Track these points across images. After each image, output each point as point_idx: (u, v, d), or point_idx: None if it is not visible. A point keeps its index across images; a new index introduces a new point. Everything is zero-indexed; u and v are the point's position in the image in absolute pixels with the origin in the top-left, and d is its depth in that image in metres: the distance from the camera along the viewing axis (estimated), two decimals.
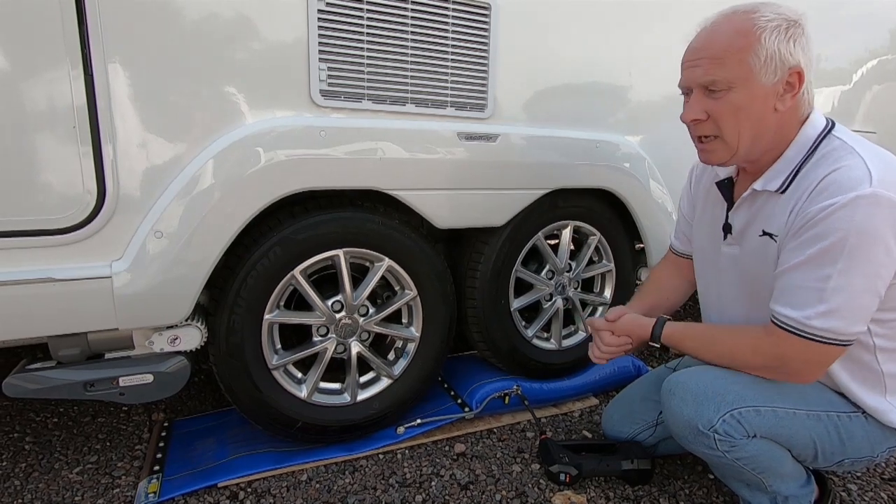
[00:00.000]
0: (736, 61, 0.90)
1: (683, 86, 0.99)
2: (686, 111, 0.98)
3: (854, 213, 0.83)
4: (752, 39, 0.89)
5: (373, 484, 1.30)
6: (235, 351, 1.25)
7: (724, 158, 0.99)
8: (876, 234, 0.83)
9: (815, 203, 0.88)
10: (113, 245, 1.08)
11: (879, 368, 0.99)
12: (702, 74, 0.93)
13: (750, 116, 0.93)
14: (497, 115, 1.41)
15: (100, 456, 1.42)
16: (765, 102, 0.92)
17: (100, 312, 1.07)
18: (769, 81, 0.90)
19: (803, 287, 0.90)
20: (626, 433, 1.37)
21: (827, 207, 0.85)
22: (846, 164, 0.87)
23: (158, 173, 1.09)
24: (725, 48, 0.91)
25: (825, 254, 0.86)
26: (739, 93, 0.91)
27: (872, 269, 0.86)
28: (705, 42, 0.94)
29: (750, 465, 1.01)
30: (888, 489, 1.33)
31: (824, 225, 0.86)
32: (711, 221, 1.16)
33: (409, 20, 1.23)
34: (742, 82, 0.90)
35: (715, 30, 0.93)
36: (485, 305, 1.55)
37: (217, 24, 1.08)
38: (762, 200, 1.01)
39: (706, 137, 0.98)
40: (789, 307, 0.92)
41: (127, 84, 1.03)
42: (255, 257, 1.22)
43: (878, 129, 2.16)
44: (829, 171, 0.88)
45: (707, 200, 1.19)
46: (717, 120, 0.94)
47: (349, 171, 1.23)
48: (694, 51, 0.96)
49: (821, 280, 0.87)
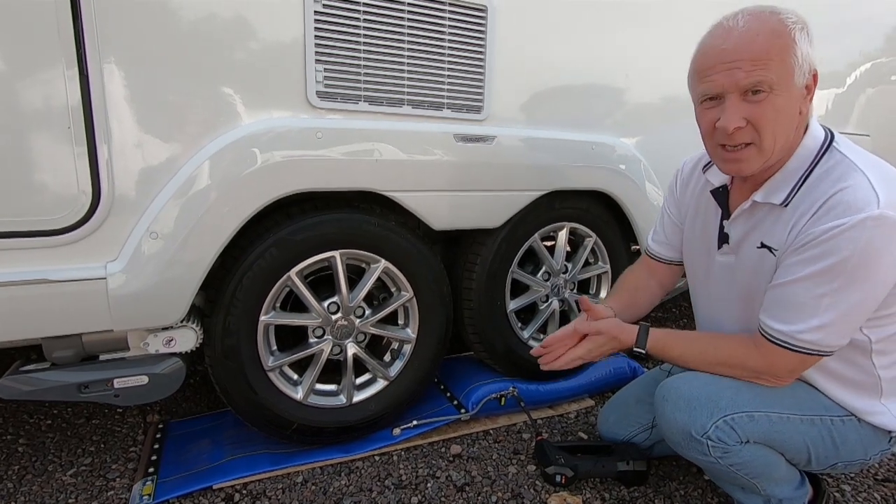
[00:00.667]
0: (779, 62, 0.86)
1: (715, 92, 0.91)
2: (726, 117, 0.89)
3: (861, 235, 0.82)
4: (788, 40, 0.86)
5: (368, 485, 1.30)
6: (231, 352, 1.25)
7: (755, 167, 0.94)
8: (879, 255, 0.84)
9: (821, 222, 0.87)
10: (108, 246, 1.07)
11: (876, 372, 1.00)
12: (744, 77, 0.87)
13: (786, 120, 0.90)
14: (493, 116, 1.41)
15: (94, 458, 1.41)
16: (795, 106, 0.90)
17: (94, 314, 1.07)
18: (801, 83, 0.89)
19: (798, 302, 0.90)
20: (622, 435, 1.37)
21: (834, 228, 0.85)
22: (852, 183, 0.86)
23: (154, 174, 1.08)
24: (768, 49, 0.86)
25: (826, 273, 0.86)
26: (781, 95, 0.87)
27: (868, 289, 0.87)
28: (742, 43, 0.87)
29: (743, 470, 1.01)
30: (881, 490, 1.34)
31: (829, 245, 0.85)
32: (704, 229, 1.15)
33: (405, 22, 1.23)
34: (784, 84, 0.87)
35: (750, 30, 0.87)
36: (481, 307, 1.55)
37: (213, 25, 1.08)
38: (763, 212, 1.00)
39: (737, 146, 0.92)
40: (781, 322, 0.93)
41: (122, 84, 1.02)
42: (251, 258, 1.22)
43: (872, 133, 2.17)
44: (836, 191, 0.87)
45: (698, 207, 1.18)
46: (757, 125, 0.89)
47: (345, 173, 1.23)
48: (728, 53, 0.88)
49: (817, 297, 0.88)
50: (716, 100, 0.93)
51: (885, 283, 0.88)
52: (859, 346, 0.98)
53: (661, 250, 1.34)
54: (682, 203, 1.25)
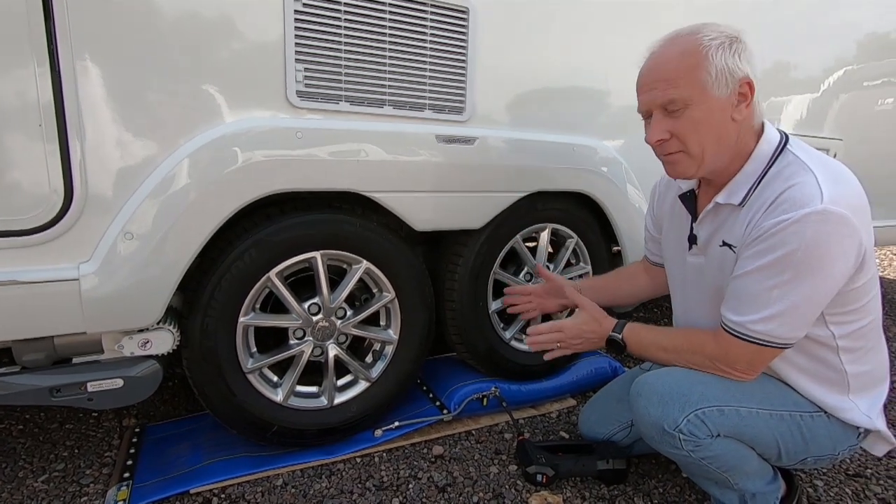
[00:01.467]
0: (688, 79, 0.94)
1: (643, 110, 1.04)
2: (650, 133, 1.01)
3: (805, 229, 0.87)
4: (699, 58, 0.94)
5: (349, 487, 1.29)
6: (209, 354, 1.23)
7: (691, 170, 1.02)
8: (824, 248, 0.88)
9: (770, 217, 0.92)
10: (81, 246, 1.05)
11: (843, 368, 1.02)
12: (659, 96, 0.97)
13: (710, 128, 0.97)
14: (475, 118, 1.42)
15: (67, 463, 1.38)
16: (722, 113, 0.97)
17: (67, 316, 1.04)
18: (723, 94, 0.95)
19: (750, 294, 0.95)
20: (602, 434, 1.39)
21: (781, 222, 0.90)
22: (800, 181, 0.92)
23: (129, 173, 1.06)
24: (676, 69, 0.95)
25: (774, 265, 0.91)
26: (697, 108, 0.95)
27: (816, 282, 0.90)
28: (656, 66, 0.99)
29: (715, 463, 1.03)
30: (852, 484, 1.38)
31: (777, 238, 0.90)
32: (678, 233, 1.21)
33: (386, 22, 1.23)
34: (697, 98, 0.95)
35: (663, 54, 0.99)
36: (463, 307, 1.56)
37: (191, 22, 1.06)
38: (725, 213, 1.05)
39: (670, 153, 1.02)
40: (735, 313, 0.98)
41: (97, 82, 1.00)
42: (230, 259, 1.20)
43: (845, 137, 2.23)
44: (785, 188, 0.93)
45: (673, 215, 1.24)
46: (680, 136, 0.98)
47: (326, 173, 1.22)
48: (647, 75, 1.01)
49: (767, 289, 0.93)
50: (648, 117, 1.04)
51: (835, 277, 0.91)
52: (825, 342, 1.01)
53: (651, 257, 1.44)
54: (659, 217, 1.32)
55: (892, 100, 2.36)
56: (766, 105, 1.99)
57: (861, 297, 0.98)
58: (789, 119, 2.07)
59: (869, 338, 1.04)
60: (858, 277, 0.95)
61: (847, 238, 0.89)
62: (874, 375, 1.07)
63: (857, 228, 0.88)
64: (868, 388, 1.06)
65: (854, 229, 0.88)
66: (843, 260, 0.90)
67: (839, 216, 0.87)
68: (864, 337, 1.02)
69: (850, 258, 0.91)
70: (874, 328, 1.05)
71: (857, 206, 0.91)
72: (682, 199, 1.16)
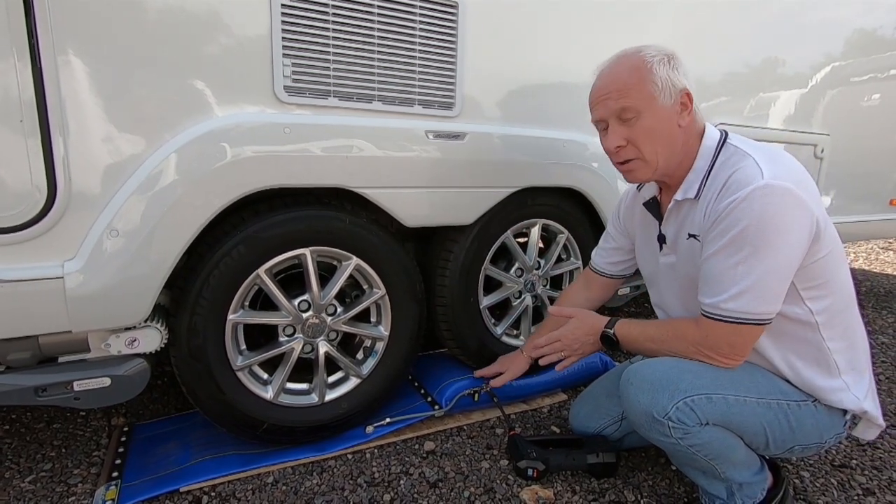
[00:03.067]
0: (638, 90, 1.03)
1: (598, 119, 1.11)
2: (608, 140, 1.09)
3: (752, 205, 0.94)
4: (645, 72, 1.03)
5: (341, 484, 1.29)
6: (197, 352, 1.22)
7: (647, 175, 1.10)
8: (775, 220, 0.93)
9: (721, 201, 0.99)
10: (65, 244, 1.04)
11: (826, 346, 1.05)
12: (612, 105, 1.06)
13: (661, 134, 1.06)
14: (465, 113, 1.41)
15: (54, 463, 1.36)
16: (669, 121, 1.05)
17: (51, 314, 1.03)
18: (668, 103, 1.04)
19: (716, 275, 1.00)
20: (593, 428, 1.39)
21: (731, 203, 0.96)
22: (742, 164, 1.00)
23: (114, 169, 1.05)
24: (626, 81, 1.04)
25: (732, 243, 0.96)
26: (648, 117, 1.04)
27: (775, 253, 0.94)
28: (609, 80, 1.08)
29: (703, 451, 1.04)
30: (838, 475, 1.40)
31: (730, 218, 0.96)
32: (648, 239, 1.27)
33: (375, 16, 1.22)
34: (647, 107, 1.03)
35: (614, 69, 1.08)
36: (454, 303, 1.56)
37: (176, 16, 1.05)
38: (686, 209, 1.11)
39: (626, 161, 1.10)
40: (708, 296, 1.02)
41: (80, 77, 0.99)
42: (218, 256, 1.19)
43: (832, 132, 2.25)
44: (731, 173, 1.00)
45: (642, 225, 1.30)
46: (635, 143, 1.06)
47: (315, 169, 1.21)
48: (600, 89, 1.09)
49: (731, 267, 0.97)
50: (605, 128, 1.11)
51: (792, 246, 0.95)
52: (805, 321, 1.04)
53: (601, 264, 1.46)
54: (628, 226, 1.37)
55: (879, 96, 2.39)
56: (755, 100, 2.00)
57: (827, 269, 1.01)
58: (777, 115, 2.09)
59: (846, 316, 1.07)
60: (819, 249, 0.99)
61: (795, 209, 0.93)
62: (859, 357, 1.09)
63: (802, 198, 0.93)
64: (855, 367, 1.08)
65: (799, 199, 0.93)
66: (796, 229, 0.94)
67: (782, 188, 0.93)
68: (841, 314, 1.05)
69: (804, 227, 0.95)
70: (849, 306, 1.08)
71: (798, 180, 0.96)
72: (646, 207, 1.23)
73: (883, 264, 4.24)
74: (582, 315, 1.29)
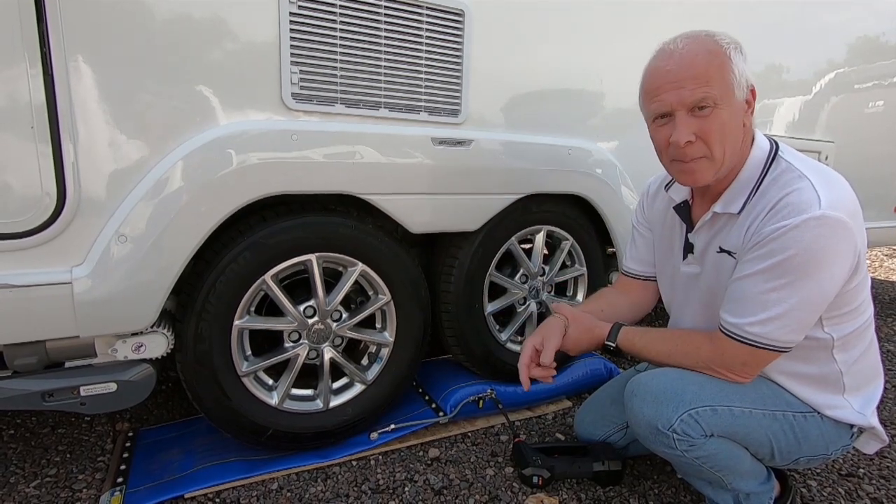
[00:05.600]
0: (720, 78, 0.93)
1: (664, 111, 0.98)
2: (677, 133, 0.95)
3: (804, 234, 0.88)
4: (725, 59, 0.93)
5: (345, 491, 1.29)
6: (203, 358, 1.22)
7: (709, 177, 0.99)
8: (822, 253, 0.89)
9: (770, 223, 0.93)
10: (74, 249, 1.04)
11: (839, 369, 1.03)
12: (689, 94, 0.93)
13: (732, 132, 0.96)
14: (471, 120, 1.42)
15: (59, 469, 1.36)
16: (739, 118, 0.96)
17: (59, 320, 1.03)
18: (741, 97, 0.95)
19: (748, 297, 0.96)
20: (598, 435, 1.39)
21: (780, 228, 0.90)
22: (797, 187, 0.93)
23: (122, 175, 1.06)
24: (707, 67, 0.93)
25: (773, 269, 0.92)
26: (725, 109, 0.94)
27: (814, 285, 0.91)
28: (684, 64, 0.94)
29: (709, 463, 1.03)
30: (845, 484, 1.39)
31: (777, 243, 0.91)
32: (670, 243, 1.22)
33: (382, 25, 1.23)
34: (726, 99, 0.93)
35: (689, 52, 0.94)
36: (459, 310, 1.56)
37: (185, 24, 1.06)
38: (722, 222, 1.05)
39: (693, 159, 0.98)
40: (733, 315, 0.98)
41: (90, 83, 1.00)
42: (225, 262, 1.20)
43: (836, 139, 2.25)
44: (784, 195, 0.93)
45: (665, 224, 1.24)
46: (705, 138, 0.95)
47: (321, 176, 1.22)
48: (673, 72, 0.95)
49: (764, 292, 0.93)
50: (666, 117, 0.99)
51: (832, 280, 0.92)
52: (822, 343, 1.01)
53: (635, 266, 1.37)
54: (651, 221, 1.31)
55: (882, 102, 2.39)
56: (760, 107, 2.00)
57: (855, 298, 0.99)
58: (782, 121, 2.09)
59: (863, 338, 1.05)
60: (852, 279, 0.96)
61: (844, 242, 0.89)
62: (868, 374, 1.08)
63: (853, 232, 0.90)
64: (862, 387, 1.07)
65: (851, 233, 0.89)
66: (840, 263, 0.91)
67: (837, 220, 0.88)
68: (859, 337, 1.03)
69: (847, 261, 0.92)
70: (868, 328, 1.06)
71: (853, 211, 0.92)
72: (676, 210, 1.16)
73: (888, 271, 4.22)
74: (583, 320, 1.19)
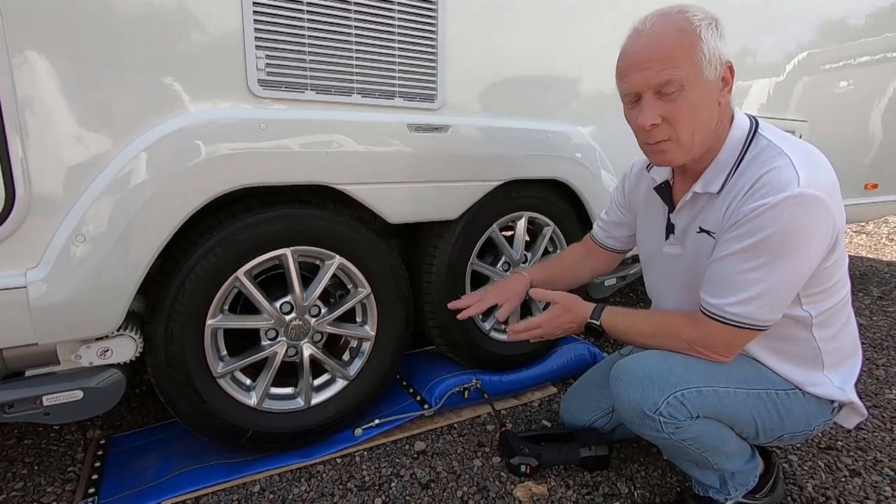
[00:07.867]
0: (687, 59, 0.90)
1: (631, 91, 0.96)
2: (643, 116, 0.95)
3: (782, 213, 0.87)
4: (695, 38, 0.90)
5: (330, 490, 1.26)
6: (175, 360, 1.17)
7: (679, 159, 0.99)
8: (800, 231, 0.88)
9: (748, 202, 0.91)
10: (27, 252, 0.97)
11: (816, 345, 1.04)
12: (654, 76, 0.91)
13: (702, 114, 0.94)
14: (447, 105, 1.38)
15: (26, 482, 1.30)
16: (712, 98, 0.94)
17: (14, 326, 0.97)
18: (714, 76, 0.93)
19: (728, 277, 0.95)
20: (583, 421, 1.38)
21: (759, 207, 0.89)
22: (776, 165, 0.91)
23: (78, 171, 0.99)
24: (673, 47, 0.90)
25: (752, 249, 0.91)
26: (692, 91, 0.91)
27: (793, 264, 0.91)
28: (650, 44, 0.92)
29: (695, 445, 1.04)
30: (825, 457, 1.42)
31: (755, 223, 0.90)
32: (652, 224, 1.22)
33: (352, 6, 1.18)
34: (693, 80, 0.91)
35: (656, 31, 0.92)
36: (441, 300, 1.53)
37: (142, 8, 0.99)
38: (702, 201, 1.05)
39: (660, 141, 0.97)
40: (713, 296, 0.98)
41: (39, 75, 0.93)
42: (194, 260, 1.14)
43: (809, 118, 2.28)
44: (763, 173, 0.92)
45: (647, 205, 1.24)
46: (672, 121, 0.94)
47: (293, 166, 1.17)
48: (639, 53, 0.93)
49: (744, 272, 0.93)
50: (636, 99, 0.97)
51: (810, 259, 0.92)
52: (800, 321, 1.02)
53: (602, 237, 1.41)
54: (632, 201, 1.30)
55: (852, 82, 2.42)
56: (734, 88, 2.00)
57: (832, 276, 1.00)
58: (755, 102, 2.10)
59: (841, 314, 1.06)
60: (830, 256, 0.96)
61: (822, 220, 0.89)
62: (846, 351, 1.09)
63: (831, 210, 0.89)
64: (841, 363, 1.08)
65: (829, 211, 0.89)
66: (818, 242, 0.91)
67: (815, 199, 0.87)
68: (837, 314, 1.04)
69: (825, 240, 0.92)
70: (845, 305, 1.06)
71: (831, 189, 0.91)
72: (657, 191, 1.15)
73: (856, 247, 4.35)
74: (566, 301, 1.20)
